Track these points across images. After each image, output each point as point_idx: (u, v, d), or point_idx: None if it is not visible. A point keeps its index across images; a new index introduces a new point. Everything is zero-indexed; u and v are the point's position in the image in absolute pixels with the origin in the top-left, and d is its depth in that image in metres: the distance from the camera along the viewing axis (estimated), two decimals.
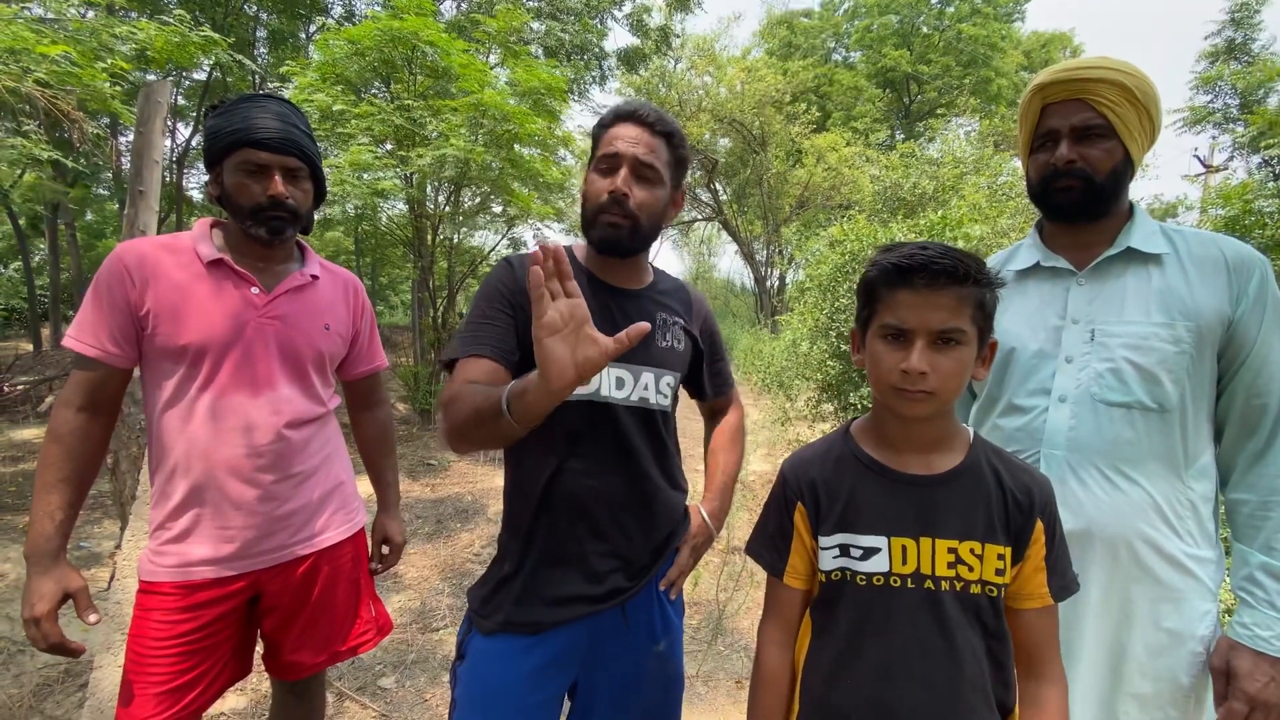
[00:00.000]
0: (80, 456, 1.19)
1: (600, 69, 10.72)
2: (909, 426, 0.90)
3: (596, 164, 1.13)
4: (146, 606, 1.22)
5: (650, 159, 1.10)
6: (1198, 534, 1.07)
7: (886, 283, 0.86)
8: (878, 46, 19.99)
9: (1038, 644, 0.88)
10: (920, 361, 0.82)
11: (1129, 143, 1.09)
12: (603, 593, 1.11)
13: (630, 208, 1.09)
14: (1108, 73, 1.06)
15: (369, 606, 1.50)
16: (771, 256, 16.36)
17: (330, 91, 5.19)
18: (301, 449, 1.34)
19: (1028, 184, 1.20)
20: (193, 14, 5.98)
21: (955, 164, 6.86)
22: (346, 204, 5.17)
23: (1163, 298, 1.08)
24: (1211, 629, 1.06)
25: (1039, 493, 0.88)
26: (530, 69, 5.86)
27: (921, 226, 4.53)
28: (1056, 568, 0.88)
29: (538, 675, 1.10)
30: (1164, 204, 9.34)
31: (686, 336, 1.23)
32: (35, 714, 2.12)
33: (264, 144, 1.24)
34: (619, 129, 1.11)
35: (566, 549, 1.11)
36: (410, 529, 4.09)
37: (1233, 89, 12.53)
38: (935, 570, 0.86)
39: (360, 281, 1.56)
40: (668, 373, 1.17)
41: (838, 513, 0.92)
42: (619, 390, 1.12)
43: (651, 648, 1.18)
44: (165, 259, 1.23)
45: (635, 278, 1.20)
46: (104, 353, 1.19)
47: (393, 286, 14.13)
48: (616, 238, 1.10)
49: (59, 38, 4.06)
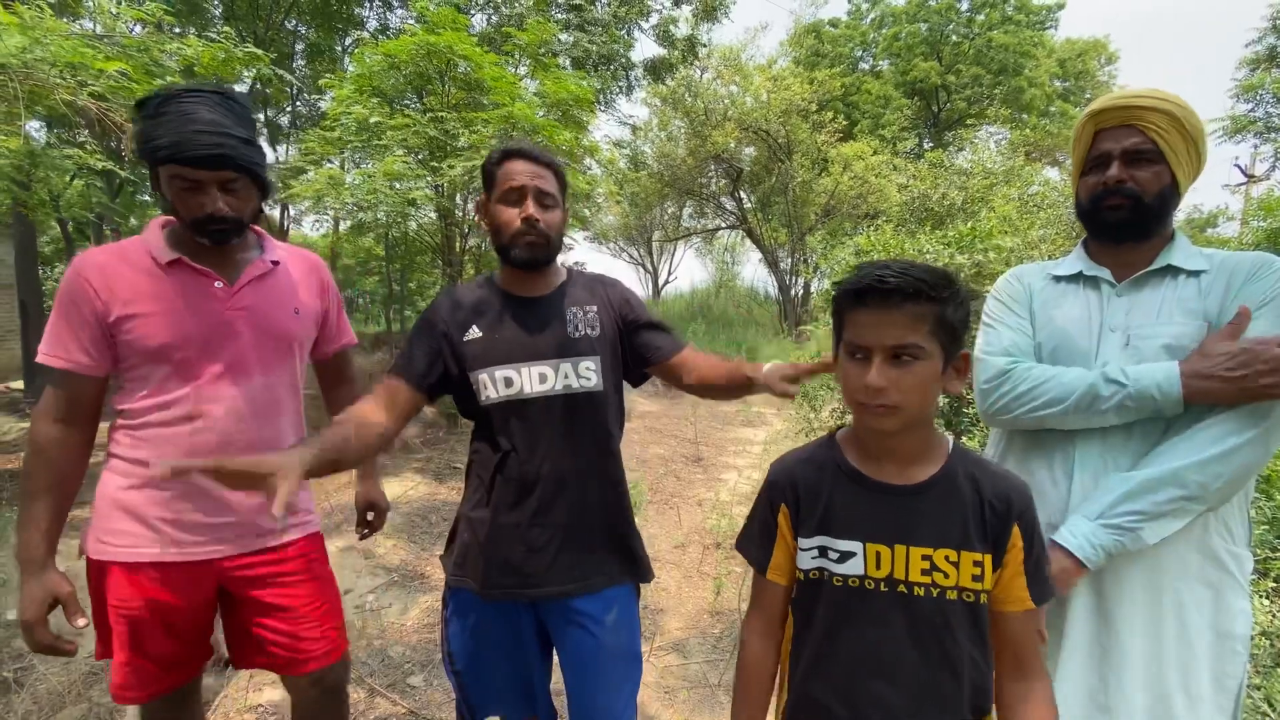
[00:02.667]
0: (61, 466, 1.24)
1: (627, 79, 10.83)
2: (883, 439, 0.93)
3: (502, 196, 1.30)
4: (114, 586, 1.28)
5: (548, 187, 1.31)
6: (1233, 531, 1.10)
7: (848, 302, 0.90)
8: (906, 56, 19.81)
9: (1021, 645, 0.92)
10: (878, 378, 0.86)
11: (1176, 169, 1.13)
12: (540, 572, 1.29)
13: (542, 228, 1.29)
14: (1159, 102, 1.12)
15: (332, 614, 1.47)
16: (796, 265, 16.27)
17: (367, 104, 5.34)
18: (276, 437, 1.38)
19: (1077, 204, 1.25)
20: (237, 30, 6.20)
21: (985, 175, 6.78)
22: (379, 211, 5.31)
23: (1200, 303, 1.11)
24: (1247, 627, 1.08)
25: (1016, 499, 0.91)
26: (559, 81, 5.95)
27: (950, 238, 4.49)
28: (1036, 573, 0.91)
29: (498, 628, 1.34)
30: (1204, 214, 9.11)
31: (602, 319, 1.38)
32: (84, 700, 2.22)
33: (196, 161, 1.20)
34: (512, 165, 1.30)
35: (511, 529, 1.29)
36: (436, 531, 4.16)
37: (1274, 97, 12.18)
38: (909, 576, 0.90)
39: (322, 260, 1.58)
40: (585, 358, 1.32)
41: (817, 516, 0.96)
42: (542, 384, 1.30)
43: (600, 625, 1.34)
44: (123, 266, 1.25)
45: (545, 284, 1.38)
46: (75, 364, 1.23)
47: (420, 291, 14.38)
48: (534, 256, 1.31)
49: (113, 53, 4.26)
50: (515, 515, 1.29)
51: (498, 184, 1.31)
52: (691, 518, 4.39)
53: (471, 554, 1.32)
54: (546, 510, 1.28)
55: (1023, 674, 0.92)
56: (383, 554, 3.71)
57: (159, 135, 1.19)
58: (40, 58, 3.59)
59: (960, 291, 0.87)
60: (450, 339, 1.31)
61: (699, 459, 6.22)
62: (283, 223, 10.51)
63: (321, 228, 11.73)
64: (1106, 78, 22.03)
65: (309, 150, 6.01)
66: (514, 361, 1.29)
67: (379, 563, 3.58)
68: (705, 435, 7.08)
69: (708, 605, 3.15)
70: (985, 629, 0.91)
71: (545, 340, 1.31)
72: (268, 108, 10.46)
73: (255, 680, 2.30)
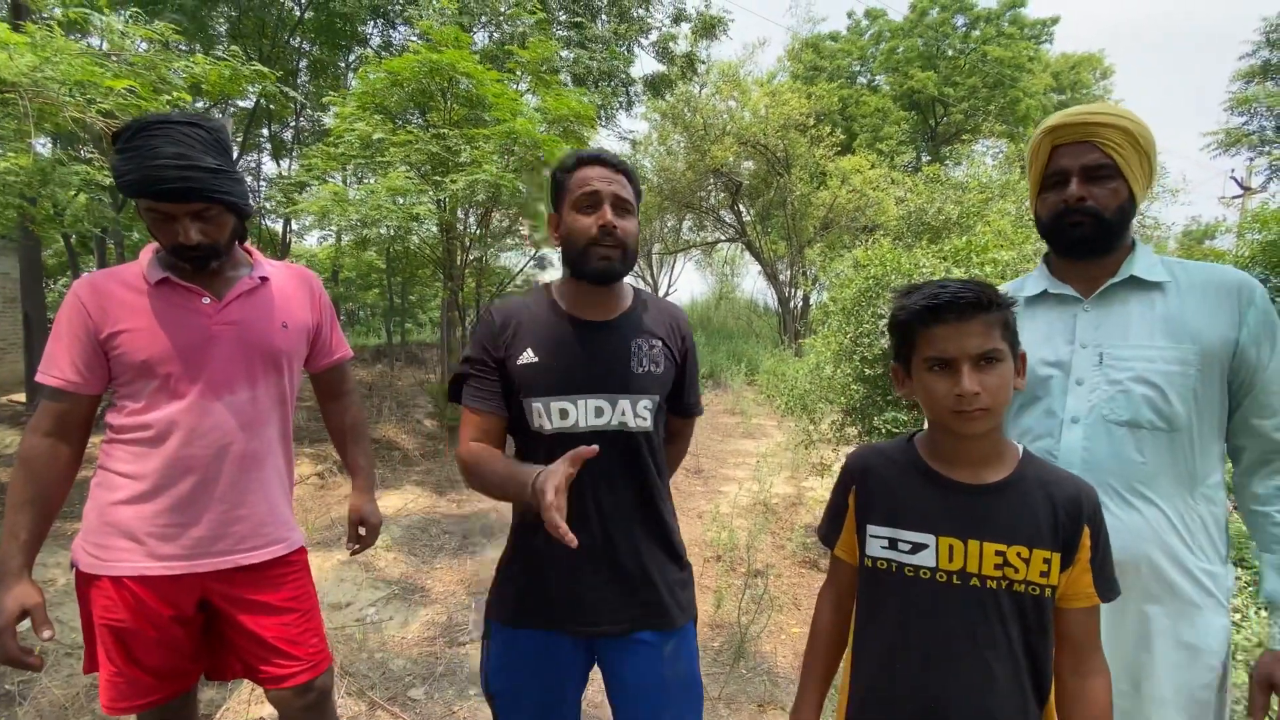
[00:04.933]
0: (45, 479, 1.27)
1: (627, 95, 10.94)
2: (965, 443, 0.98)
3: (575, 203, 1.21)
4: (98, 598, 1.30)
5: (625, 194, 1.22)
6: (1210, 550, 1.12)
7: (921, 321, 0.96)
8: (903, 69, 20.01)
9: (1082, 640, 0.96)
10: (971, 384, 0.91)
11: (1133, 183, 1.16)
12: (591, 611, 1.22)
13: (619, 236, 1.20)
14: (1114, 118, 1.14)
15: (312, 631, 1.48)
16: (795, 277, 16.35)
17: (370, 121, 5.42)
18: (264, 450, 1.40)
19: (1037, 221, 1.27)
20: (244, 49, 6.29)
21: (980, 189, 6.85)
22: (381, 226, 5.37)
23: (1166, 323, 1.14)
24: (1226, 643, 1.10)
25: (1086, 502, 0.96)
26: (560, 97, 6.04)
27: (946, 252, 4.53)
28: (1102, 570, 0.96)
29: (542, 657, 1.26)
30: (1202, 225, 9.17)
31: (668, 358, 1.29)
32: (86, 713, 2.23)
33: (165, 195, 1.22)
34: (587, 171, 1.22)
35: (561, 564, 1.22)
36: (436, 544, 4.17)
37: (1269, 110, 12.30)
38: (982, 569, 0.94)
39: (316, 276, 1.60)
40: (644, 396, 1.23)
41: (888, 507, 1.02)
42: (598, 418, 1.21)
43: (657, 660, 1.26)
44: (116, 286, 1.30)
45: (613, 307, 1.28)
46: (68, 382, 1.27)
47: (421, 305, 14.42)
48: (610, 267, 1.21)
49: (121, 71, 4.33)
50: (565, 550, 1.21)
51: (569, 191, 1.23)
52: (691, 530, 4.39)
53: (520, 584, 1.27)
54: (595, 548, 1.20)
55: (1082, 670, 0.96)
56: (383, 567, 3.72)
57: (128, 170, 1.22)
58: (50, 76, 3.66)
59: (1010, 299, 0.96)
60: (503, 362, 1.24)
61: (699, 471, 6.23)
62: (285, 236, 10.57)
63: (325, 240, 11.81)
64: (1101, 91, 22.24)
65: (312, 165, 6.08)
66: (570, 393, 1.20)
67: (380, 576, 3.59)
68: (705, 447, 7.09)
69: (708, 618, 3.15)
70: (1049, 623, 0.95)
71: (606, 372, 1.22)
72: (272, 123, 10.56)
73: (256, 694, 2.31)
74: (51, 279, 18.15)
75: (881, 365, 4.05)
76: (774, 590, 3.47)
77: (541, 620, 1.24)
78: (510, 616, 1.26)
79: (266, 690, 1.45)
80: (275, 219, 10.18)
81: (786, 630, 3.10)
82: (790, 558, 4.02)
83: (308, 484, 5.19)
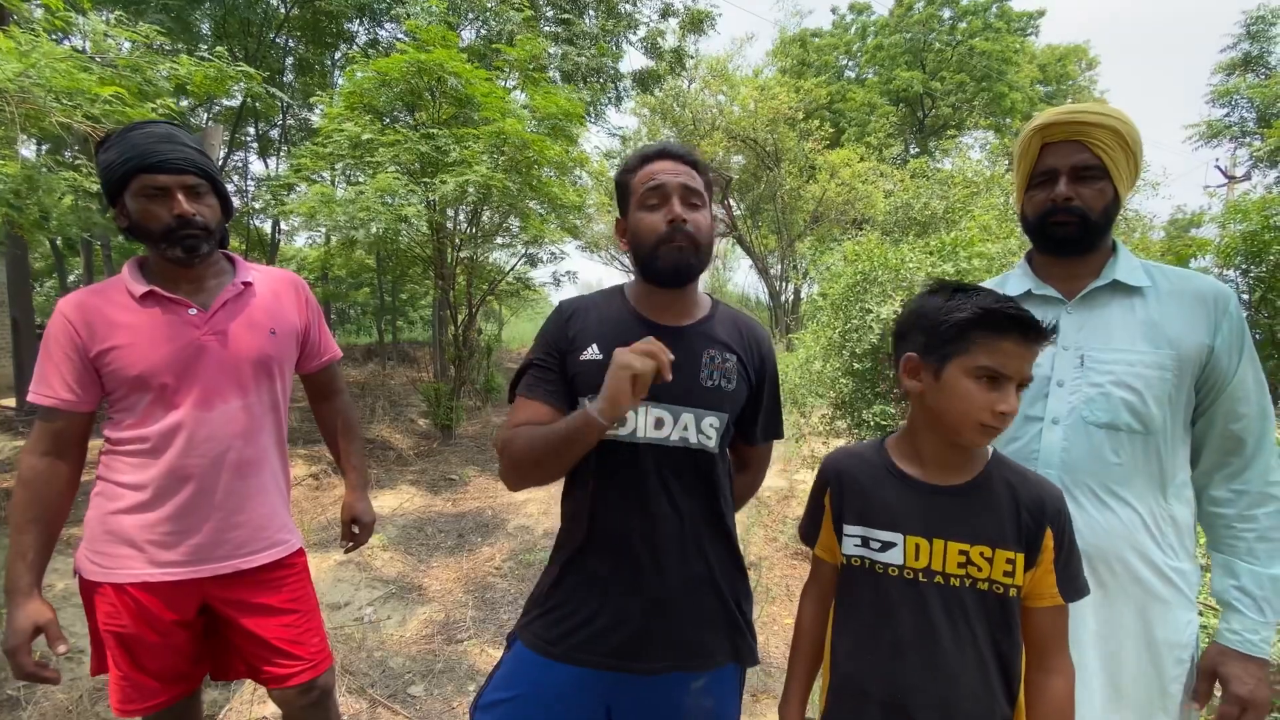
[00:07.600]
0: (46, 499, 1.29)
1: (616, 90, 10.94)
2: (953, 450, 1.01)
3: (641, 201, 1.14)
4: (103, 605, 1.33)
5: (694, 184, 1.14)
6: (1178, 548, 1.15)
7: (993, 328, 0.93)
8: (889, 65, 20.09)
9: (1047, 639, 0.99)
10: (1016, 404, 0.93)
11: (1119, 183, 1.18)
12: (622, 644, 1.11)
13: (689, 230, 1.11)
14: (1104, 118, 1.15)
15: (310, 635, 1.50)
16: (786, 271, 16.44)
17: (359, 121, 5.41)
18: (260, 457, 1.42)
19: (1022, 218, 1.28)
20: (229, 49, 6.25)
21: (966, 184, 6.92)
22: (371, 226, 5.37)
23: (1146, 328, 1.16)
24: (1193, 638, 1.14)
25: (1050, 503, 0.98)
26: (549, 96, 6.04)
27: (933, 246, 4.60)
28: (1066, 571, 0.98)
29: (562, 696, 1.13)
30: (1187, 215, 9.27)
31: (741, 375, 1.18)
32: (89, 717, 2.25)
33: (159, 166, 1.27)
34: (654, 165, 1.14)
35: (607, 590, 1.13)
36: (433, 543, 4.21)
37: (1249, 102, 12.45)
38: (946, 568, 0.98)
39: (301, 278, 1.61)
40: (710, 413, 1.13)
41: (859, 506, 1.05)
42: (657, 430, 1.11)
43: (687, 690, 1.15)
44: (101, 303, 1.31)
45: (686, 312, 1.20)
46: (60, 400, 1.29)
47: (411, 303, 14.37)
48: (683, 263, 1.12)
49: (106, 74, 4.30)
50: (608, 573, 1.12)
51: (634, 191, 1.15)
52: None
53: (550, 605, 1.17)
54: (643, 576, 1.11)
55: (1045, 668, 0.98)
56: (380, 566, 3.76)
57: (119, 156, 1.27)
58: (36, 82, 3.64)
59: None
60: (565, 356, 1.16)
61: None
62: (274, 237, 10.52)
63: (313, 241, 11.76)
64: (1087, 82, 22.41)
65: (300, 165, 6.06)
66: None
67: (377, 575, 3.62)
68: None
69: None
70: (1014, 622, 0.98)
71: (673, 381, 1.06)
72: (258, 121, 10.49)
73: (259, 693, 2.34)
74: (37, 281, 17.96)
75: (870, 360, 4.10)
76: (767, 582, 3.53)
77: (581, 656, 1.12)
78: (545, 647, 1.14)
79: (270, 690, 1.48)
80: (264, 219, 10.12)
81: (779, 621, 3.16)
82: (782, 550, 4.08)
83: (303, 485, 5.20)
